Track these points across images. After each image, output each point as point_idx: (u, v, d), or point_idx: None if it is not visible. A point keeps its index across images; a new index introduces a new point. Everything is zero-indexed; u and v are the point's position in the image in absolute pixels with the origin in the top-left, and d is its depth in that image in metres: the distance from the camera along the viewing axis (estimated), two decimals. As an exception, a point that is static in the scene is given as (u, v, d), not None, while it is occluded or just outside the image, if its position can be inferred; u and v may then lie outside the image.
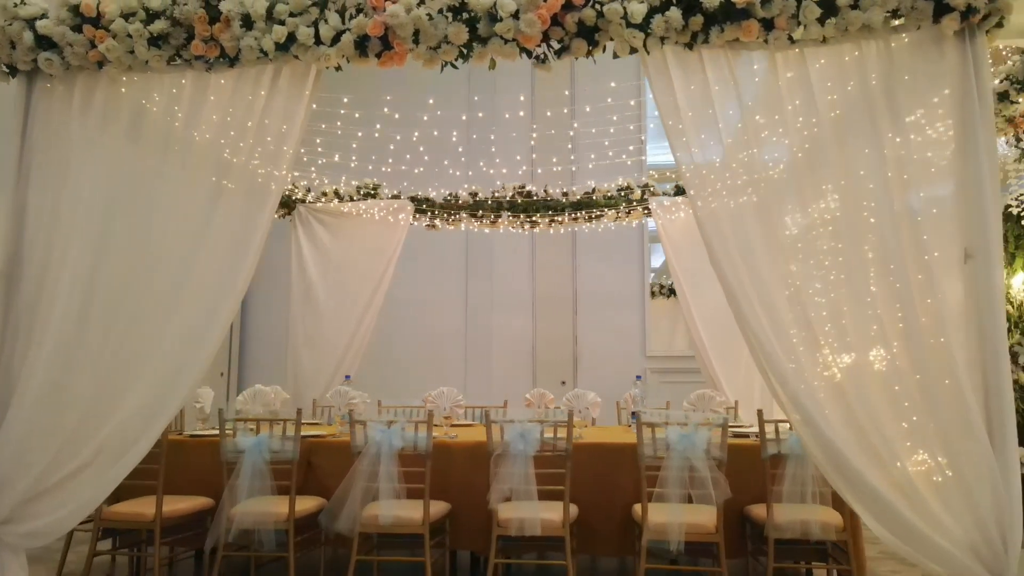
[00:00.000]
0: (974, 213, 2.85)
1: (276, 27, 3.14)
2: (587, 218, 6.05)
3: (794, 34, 2.98)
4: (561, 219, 6.11)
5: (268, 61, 3.25)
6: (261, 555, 3.67)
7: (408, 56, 3.18)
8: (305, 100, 3.35)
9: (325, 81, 3.48)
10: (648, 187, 5.96)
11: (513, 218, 6.13)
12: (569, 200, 6.08)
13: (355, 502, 3.45)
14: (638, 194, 5.93)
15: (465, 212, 6.20)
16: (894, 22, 2.97)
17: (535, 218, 6.11)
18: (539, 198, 6.09)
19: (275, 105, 3.33)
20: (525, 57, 3.19)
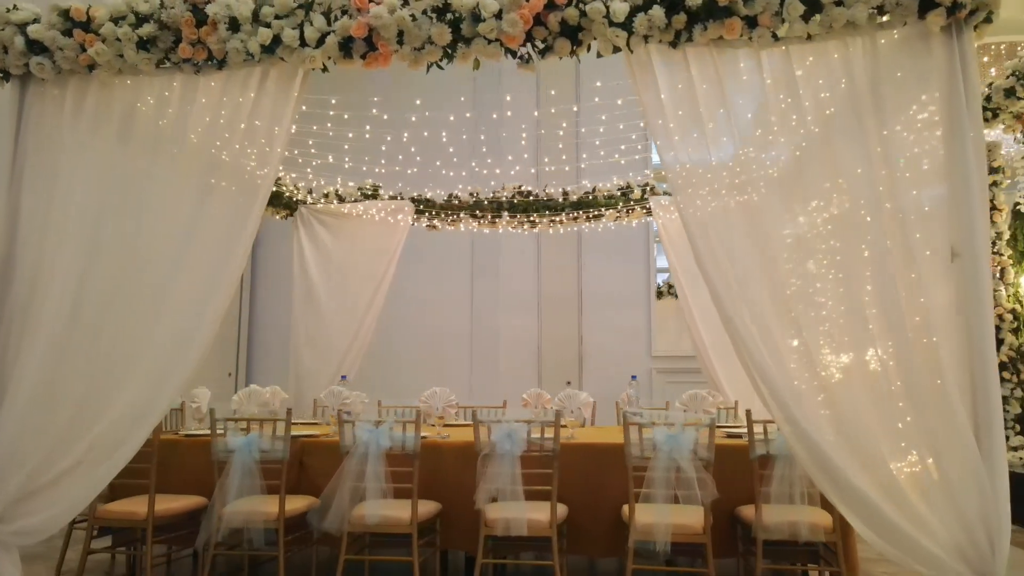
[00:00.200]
0: (961, 211, 2.82)
1: (261, 29, 3.17)
2: (587, 218, 6.04)
3: (778, 32, 2.96)
4: (561, 219, 6.10)
5: (255, 63, 3.28)
6: (254, 554, 3.69)
7: (393, 57, 3.19)
8: (293, 101, 3.36)
9: (327, 82, 3.50)
10: (648, 186, 5.94)
11: (512, 218, 6.13)
12: (569, 200, 6.06)
13: (343, 501, 3.47)
14: (638, 193, 5.91)
15: (465, 212, 6.20)
16: (880, 19, 2.95)
17: (534, 218, 6.10)
18: (539, 198, 6.08)
19: (263, 106, 3.35)
20: (509, 57, 3.19)
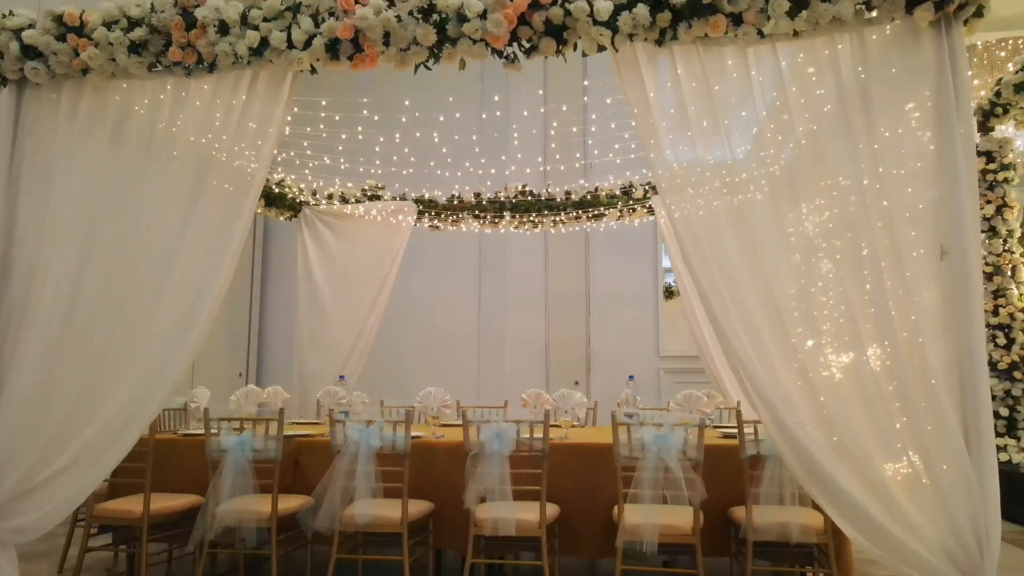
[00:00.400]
0: (951, 209, 2.78)
1: (249, 32, 3.19)
2: (589, 217, 6.02)
3: (764, 29, 2.93)
4: (562, 218, 6.09)
5: (245, 66, 3.30)
6: (250, 552, 3.71)
7: (379, 58, 3.20)
8: (282, 103, 3.39)
9: (332, 83, 3.50)
10: (651, 185, 5.91)
11: (515, 218, 6.13)
12: (571, 200, 6.05)
13: (334, 501, 3.48)
14: (640, 193, 5.88)
15: (468, 213, 6.21)
16: (868, 14, 2.91)
17: (535, 218, 6.09)
18: (540, 198, 6.08)
19: (254, 108, 3.38)
20: (496, 57, 3.19)
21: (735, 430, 3.97)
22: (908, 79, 2.91)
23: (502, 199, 6.12)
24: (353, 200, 6.33)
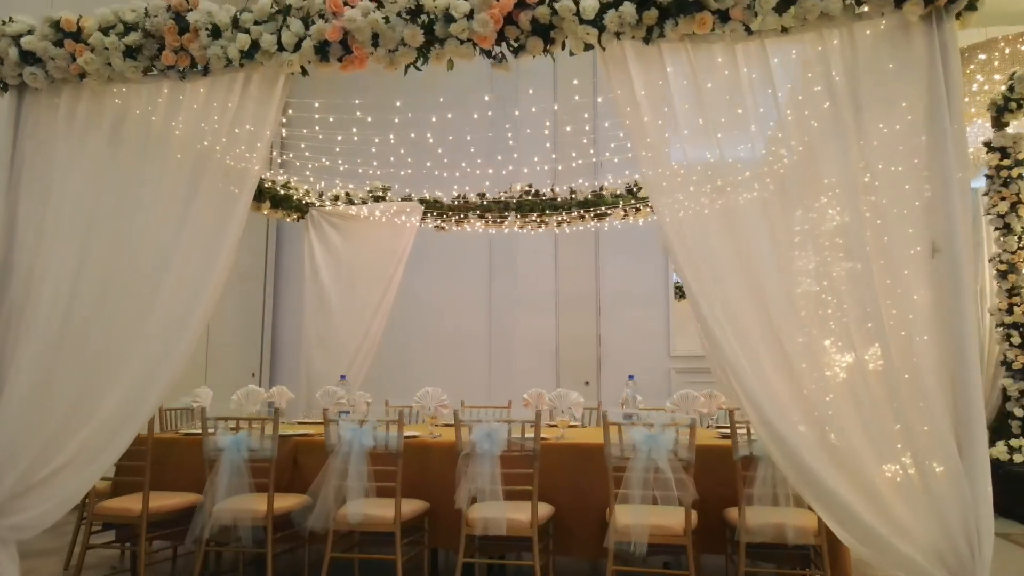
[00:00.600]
0: (942, 206, 2.73)
1: (240, 35, 3.22)
2: (594, 216, 6.00)
3: (752, 25, 2.90)
4: (563, 218, 6.07)
5: (237, 69, 3.33)
6: (249, 551, 3.75)
7: (368, 60, 3.22)
8: (275, 104, 3.41)
9: (339, 84, 3.51)
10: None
11: (520, 218, 6.13)
12: (576, 199, 6.04)
13: (328, 500, 3.50)
14: (646, 192, 5.85)
15: (473, 213, 6.21)
16: (858, 9, 2.87)
17: (540, 218, 6.08)
18: (545, 197, 6.07)
19: (247, 110, 3.41)
20: (484, 57, 3.19)
21: (742, 430, 3.93)
22: (899, 75, 2.86)
23: (506, 199, 6.11)
24: (359, 201, 6.36)
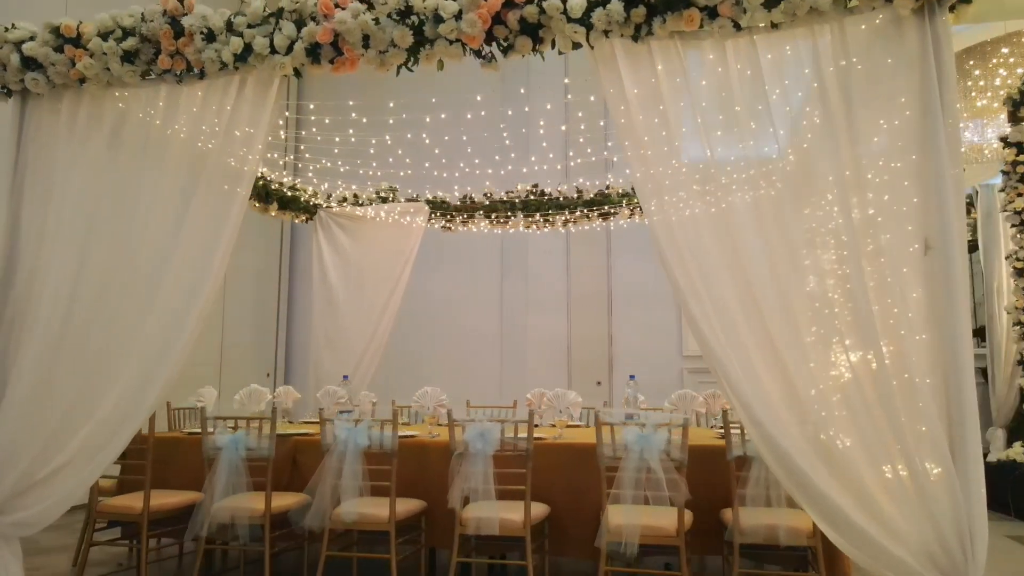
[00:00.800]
0: (934, 203, 2.69)
1: (233, 38, 3.26)
2: (599, 215, 5.98)
3: (740, 21, 2.87)
4: (574, 217, 6.06)
5: (231, 72, 3.37)
6: (250, 549, 3.79)
7: (359, 61, 3.24)
8: (269, 106, 3.43)
9: (347, 86, 3.50)
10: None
11: (527, 218, 6.12)
12: (584, 198, 6.02)
13: (324, 499, 3.53)
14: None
15: (480, 213, 6.22)
16: (849, 3, 2.83)
17: (547, 217, 6.08)
18: (553, 197, 6.06)
19: (242, 112, 3.43)
20: (474, 57, 3.19)
21: (735, 430, 3.90)
22: (892, 71, 2.82)
23: (511, 199, 6.11)
24: (367, 202, 6.39)
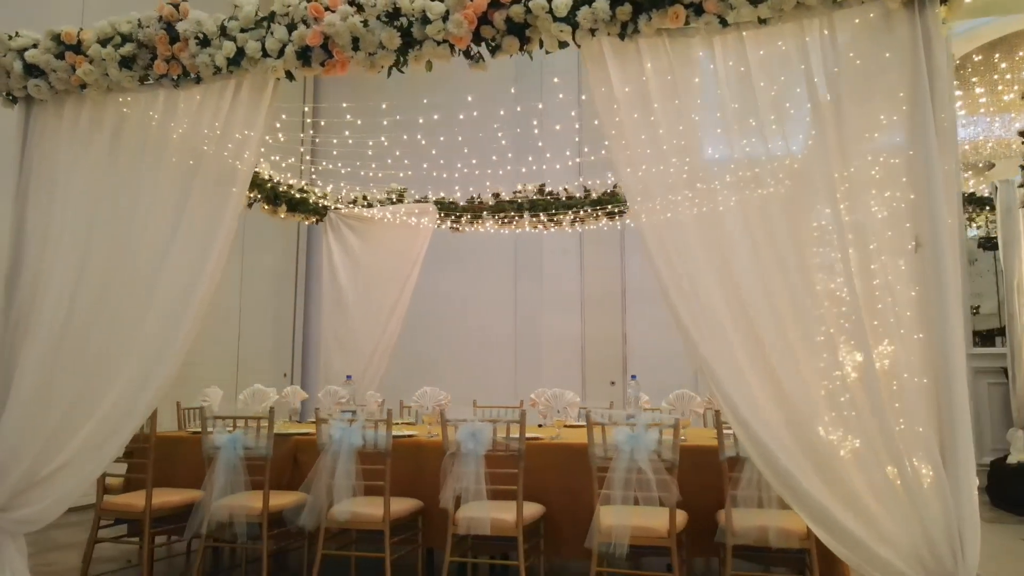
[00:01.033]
0: (925, 202, 2.64)
1: (226, 43, 3.30)
2: (606, 214, 5.96)
3: (727, 17, 2.84)
4: (583, 216, 6.05)
5: (226, 76, 3.41)
6: (251, 548, 3.83)
7: (349, 63, 3.26)
8: (264, 109, 3.48)
9: (358, 87, 3.52)
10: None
11: (534, 218, 6.12)
12: (590, 198, 6.00)
13: (319, 498, 3.56)
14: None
15: (488, 213, 6.22)
16: (838, -2, 2.79)
17: (555, 216, 6.07)
18: (560, 196, 6.05)
19: (238, 115, 3.48)
20: (462, 57, 3.20)
21: (727, 431, 3.86)
22: (882, 66, 2.77)
23: (519, 200, 6.11)
24: (377, 203, 6.43)
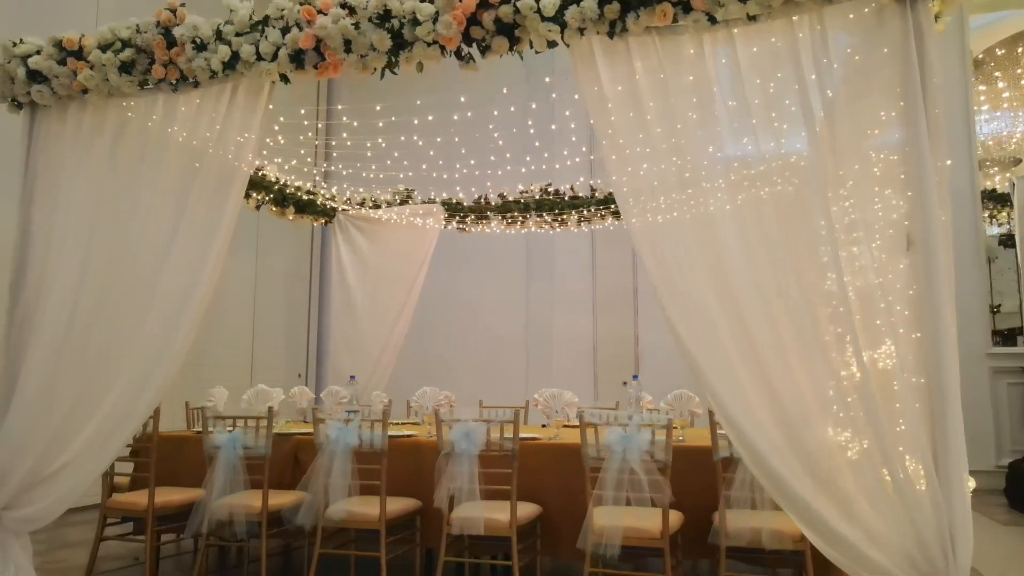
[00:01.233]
0: (917, 196, 2.60)
1: (221, 47, 3.34)
2: (612, 214, 5.94)
3: (716, 14, 2.82)
4: (589, 215, 6.03)
5: (222, 79, 3.45)
6: (254, 546, 3.87)
7: (342, 65, 3.28)
8: (260, 111, 3.51)
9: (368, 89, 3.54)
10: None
11: (541, 218, 6.12)
12: (596, 197, 5.99)
13: (316, 497, 3.59)
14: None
15: (495, 214, 6.23)
16: (828, -8, 2.75)
17: (560, 216, 6.06)
18: (564, 196, 6.04)
19: (235, 117, 3.51)
20: (454, 58, 3.21)
21: (723, 431, 3.83)
22: (874, 62, 2.74)
23: (525, 200, 6.11)
24: (384, 204, 6.46)
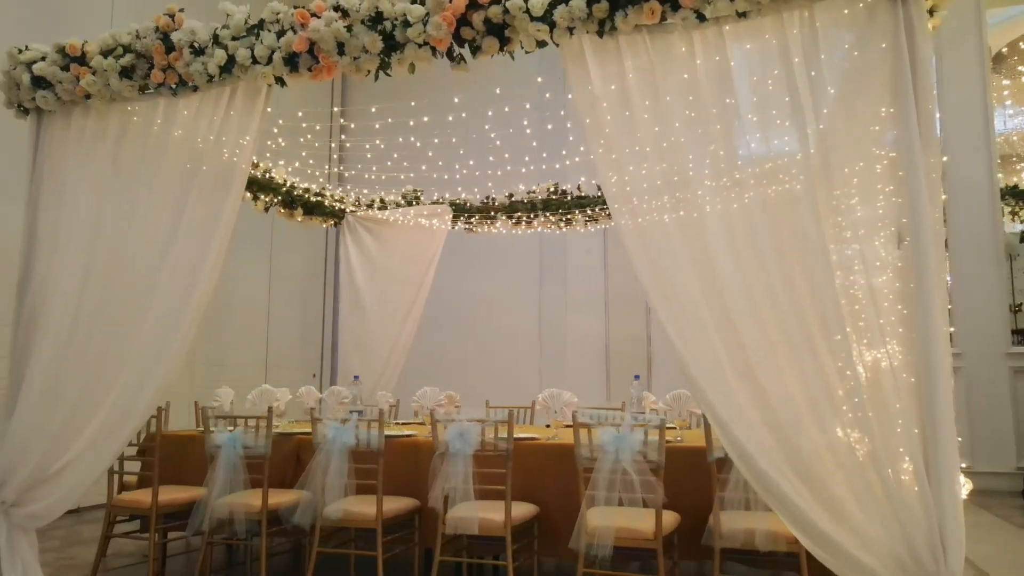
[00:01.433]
0: (907, 193, 2.57)
1: (217, 51, 3.38)
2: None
3: (704, 12, 2.81)
4: (596, 215, 6.02)
5: (220, 83, 3.49)
6: (255, 545, 3.90)
7: (336, 68, 3.31)
8: (258, 114, 3.55)
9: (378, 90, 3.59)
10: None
11: (547, 218, 6.11)
12: (602, 197, 5.96)
13: (314, 496, 3.61)
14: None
15: (502, 214, 6.24)
16: (818, -12, 2.73)
17: (568, 216, 6.05)
18: (572, 196, 6.03)
19: (233, 120, 3.55)
20: (446, 59, 3.22)
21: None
22: (866, 59, 2.71)
23: (531, 200, 6.11)
24: (392, 205, 6.50)
